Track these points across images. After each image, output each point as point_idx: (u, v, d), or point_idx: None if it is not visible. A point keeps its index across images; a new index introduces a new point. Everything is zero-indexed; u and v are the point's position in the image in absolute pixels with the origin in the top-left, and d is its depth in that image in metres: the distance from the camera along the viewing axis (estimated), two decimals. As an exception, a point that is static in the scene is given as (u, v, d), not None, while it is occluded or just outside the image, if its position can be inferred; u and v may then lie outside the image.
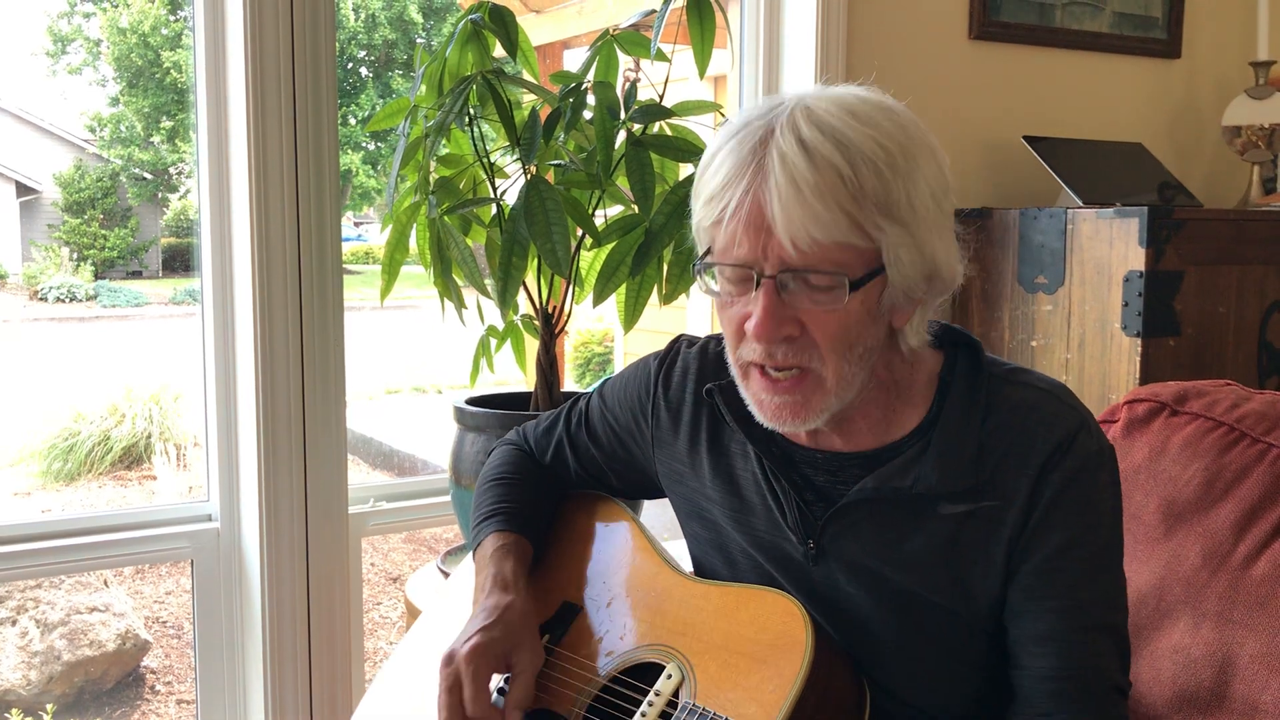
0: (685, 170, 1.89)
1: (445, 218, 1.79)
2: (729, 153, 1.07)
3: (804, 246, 1.03)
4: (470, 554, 1.50)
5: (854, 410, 1.16)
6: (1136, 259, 2.13)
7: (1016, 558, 1.12)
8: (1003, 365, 1.19)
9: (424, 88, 1.84)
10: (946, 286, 1.12)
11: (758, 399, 1.13)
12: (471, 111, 1.80)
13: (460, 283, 1.84)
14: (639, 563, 1.31)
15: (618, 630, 1.27)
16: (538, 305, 1.89)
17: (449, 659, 1.19)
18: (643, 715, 1.16)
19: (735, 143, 1.07)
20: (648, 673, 1.21)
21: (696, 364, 1.31)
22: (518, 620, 1.23)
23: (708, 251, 1.11)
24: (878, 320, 1.10)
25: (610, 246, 1.80)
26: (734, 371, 1.16)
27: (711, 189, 1.08)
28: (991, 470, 1.12)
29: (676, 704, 1.15)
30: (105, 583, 4.21)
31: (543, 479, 1.45)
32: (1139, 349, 2.14)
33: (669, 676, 1.17)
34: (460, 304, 1.86)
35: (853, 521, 1.17)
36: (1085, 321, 2.24)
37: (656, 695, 1.17)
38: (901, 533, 1.15)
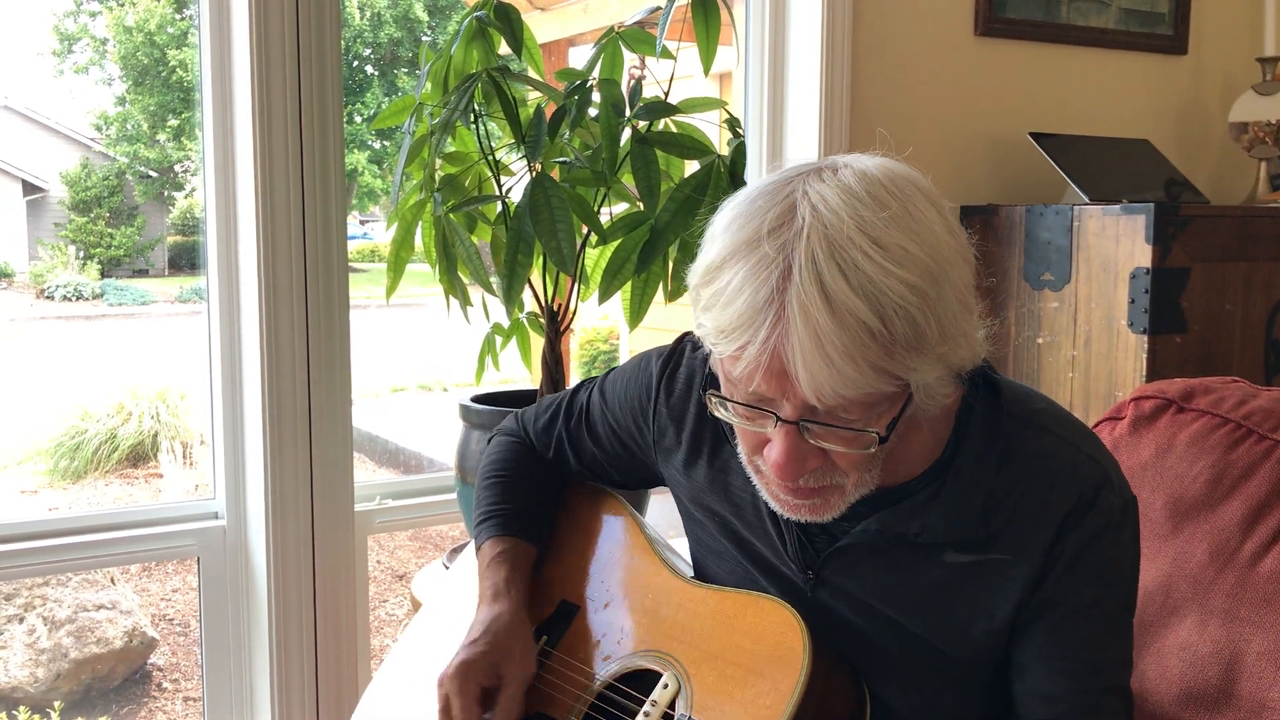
0: (691, 167, 1.89)
1: (450, 215, 1.79)
2: (742, 282, 0.95)
3: (829, 400, 0.95)
4: (467, 550, 1.50)
5: None
6: (1143, 256, 2.13)
7: (1028, 614, 1.09)
8: (1025, 405, 1.13)
9: (429, 85, 1.85)
10: (969, 370, 1.04)
11: (775, 496, 1.07)
12: (476, 109, 1.80)
13: (466, 280, 1.84)
14: (638, 562, 1.30)
15: (615, 633, 1.26)
16: (543, 303, 1.89)
17: (440, 681, 1.20)
18: None
19: (747, 272, 0.95)
20: (645, 679, 1.20)
21: (702, 371, 1.25)
22: (504, 631, 1.23)
23: (719, 360, 1.02)
24: (899, 430, 1.03)
25: (615, 244, 1.80)
26: (749, 468, 1.10)
27: (724, 322, 0.96)
28: (1003, 523, 1.08)
29: (672, 715, 1.14)
30: (112, 580, 4.22)
31: (543, 473, 1.42)
32: (1145, 346, 2.14)
33: (665, 686, 1.16)
34: (465, 302, 1.86)
35: (853, 560, 1.14)
36: (1091, 318, 2.23)
37: (653, 705, 1.16)
38: (903, 576, 1.12)
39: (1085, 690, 1.08)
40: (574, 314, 1.92)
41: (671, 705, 1.15)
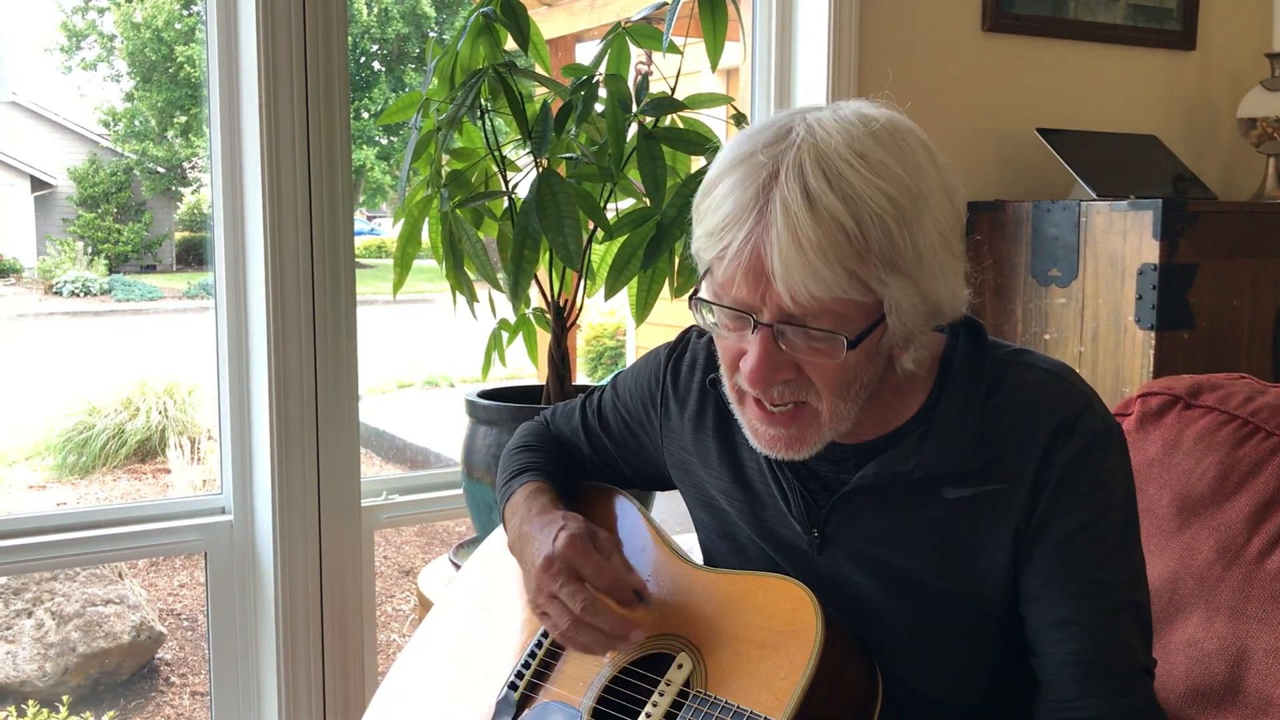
0: (697, 163, 1.89)
1: (457, 211, 1.79)
2: (732, 187, 1.03)
3: (802, 300, 1.00)
4: (481, 545, 1.51)
5: None
6: (1150, 252, 2.12)
7: (1028, 542, 1.11)
8: (1005, 347, 1.18)
9: (436, 81, 1.85)
10: (948, 318, 1.10)
11: (752, 428, 1.12)
12: (483, 105, 1.80)
13: (472, 276, 1.84)
14: (648, 552, 1.32)
15: (628, 620, 1.27)
16: (549, 298, 1.90)
17: (549, 560, 1.20)
18: (654, 705, 1.16)
19: (739, 177, 1.03)
20: (659, 663, 1.21)
21: (705, 355, 1.31)
22: (578, 519, 1.25)
23: (706, 273, 1.09)
24: (876, 360, 1.08)
25: (622, 239, 1.80)
26: (729, 396, 1.15)
27: (712, 224, 1.04)
28: (994, 452, 1.12)
29: (688, 693, 1.15)
30: (120, 575, 4.23)
31: (564, 454, 1.47)
32: (1152, 342, 2.13)
33: (679, 666, 1.18)
34: (472, 297, 1.86)
35: (856, 509, 1.17)
36: (1099, 315, 2.23)
37: (667, 685, 1.17)
38: (905, 518, 1.14)
39: (1096, 610, 1.09)
40: (580, 310, 1.92)
41: (686, 684, 1.16)
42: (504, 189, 1.84)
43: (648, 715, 1.16)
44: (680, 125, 1.83)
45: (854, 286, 1.00)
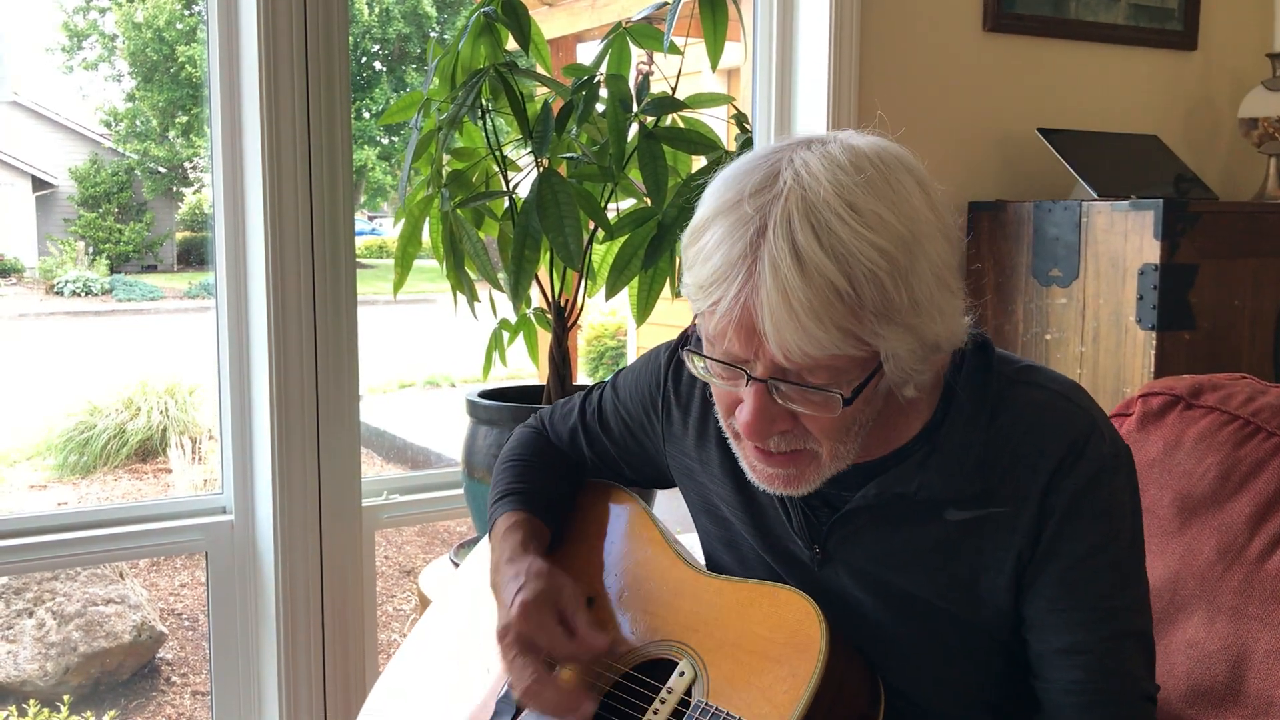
0: (698, 163, 1.89)
1: (458, 211, 1.80)
2: (720, 240, 0.99)
3: (796, 358, 0.97)
4: (481, 542, 1.50)
5: None
6: (1151, 252, 2.12)
7: (1033, 567, 1.10)
8: (1013, 364, 1.15)
9: (437, 81, 1.85)
10: (948, 352, 1.07)
11: (750, 464, 1.10)
12: (484, 104, 1.80)
13: (473, 276, 1.84)
14: (652, 556, 1.31)
15: (630, 625, 1.26)
16: (550, 298, 1.90)
17: (505, 630, 1.18)
18: (654, 713, 1.16)
19: (726, 229, 0.98)
20: (660, 669, 1.20)
21: None
22: (544, 571, 1.22)
23: (699, 315, 1.05)
24: (874, 402, 1.06)
25: (623, 239, 1.81)
26: (726, 432, 1.13)
27: (701, 277, 1.00)
28: (998, 475, 1.09)
29: (689, 702, 1.15)
30: (121, 575, 4.23)
31: (560, 463, 1.44)
32: (1154, 342, 2.13)
33: (681, 674, 1.17)
34: (473, 297, 1.86)
35: (857, 527, 1.15)
36: (1099, 315, 2.23)
37: (669, 693, 1.16)
38: (906, 538, 1.13)
39: (1101, 638, 1.08)
40: (581, 310, 1.92)
41: (688, 692, 1.16)
42: (505, 189, 1.84)
43: None
44: (681, 125, 1.83)
45: (848, 342, 0.97)
